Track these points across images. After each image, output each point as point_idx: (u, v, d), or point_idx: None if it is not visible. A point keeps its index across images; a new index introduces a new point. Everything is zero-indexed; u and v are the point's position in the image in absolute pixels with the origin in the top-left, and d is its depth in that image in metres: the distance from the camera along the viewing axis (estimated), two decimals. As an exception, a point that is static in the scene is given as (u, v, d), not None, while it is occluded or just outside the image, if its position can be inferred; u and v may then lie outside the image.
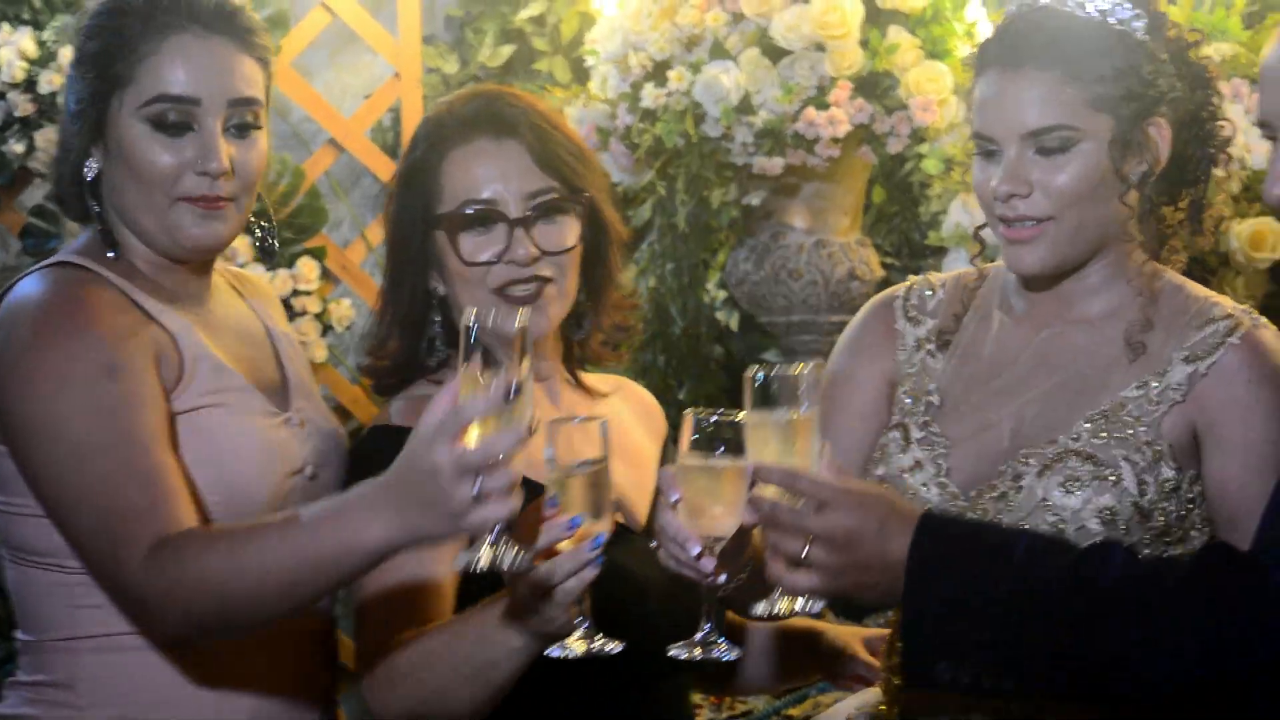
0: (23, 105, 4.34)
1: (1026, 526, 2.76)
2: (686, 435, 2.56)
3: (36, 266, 2.78)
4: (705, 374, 4.98)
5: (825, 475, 2.53)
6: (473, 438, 2.42)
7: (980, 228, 3.15)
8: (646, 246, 4.86)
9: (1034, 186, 2.77)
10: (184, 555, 2.57)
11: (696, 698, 3.47)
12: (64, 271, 2.75)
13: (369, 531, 2.48)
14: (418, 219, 2.93)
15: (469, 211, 2.92)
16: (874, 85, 4.21)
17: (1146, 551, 2.74)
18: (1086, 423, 2.81)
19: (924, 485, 2.85)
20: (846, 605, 3.92)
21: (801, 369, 2.55)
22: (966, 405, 2.91)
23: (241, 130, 2.79)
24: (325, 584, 2.57)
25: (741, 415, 2.54)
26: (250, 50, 2.82)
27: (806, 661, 3.13)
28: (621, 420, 3.10)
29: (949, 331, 2.97)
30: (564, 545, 2.52)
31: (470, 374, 2.46)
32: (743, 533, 2.58)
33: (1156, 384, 2.80)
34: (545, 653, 2.57)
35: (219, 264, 2.92)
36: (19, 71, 4.31)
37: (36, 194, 4.48)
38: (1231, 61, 4.06)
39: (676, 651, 2.56)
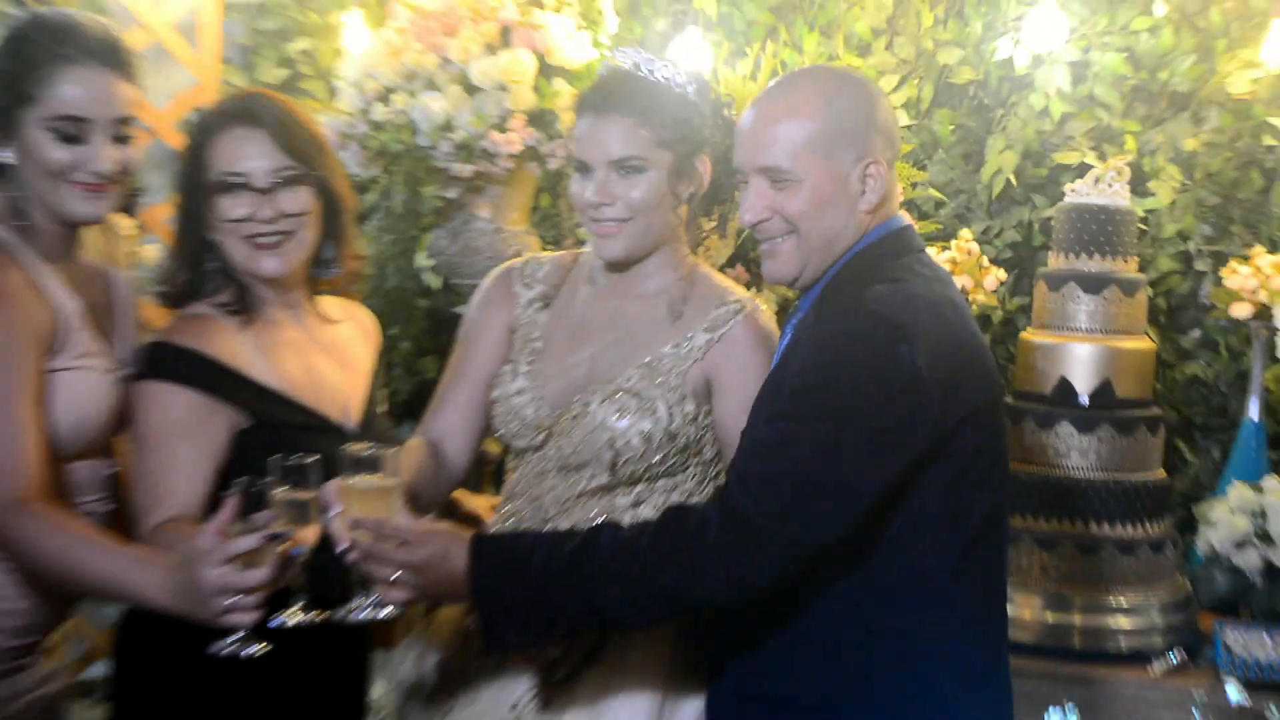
0: None
1: (588, 441, 3.02)
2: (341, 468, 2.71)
3: None
4: (412, 319, 5.21)
5: (404, 522, 2.68)
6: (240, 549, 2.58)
7: (577, 226, 3.52)
8: (372, 224, 5.11)
9: (616, 198, 2.99)
10: (35, 524, 2.73)
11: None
12: None
13: (152, 592, 2.68)
14: (193, 186, 3.07)
15: (227, 181, 3.03)
16: (541, 119, 4.44)
17: (674, 462, 3.02)
18: (636, 369, 3.01)
19: (525, 406, 3.08)
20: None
21: (390, 451, 2.70)
22: (558, 351, 3.10)
23: (122, 138, 2.98)
24: (110, 598, 2.80)
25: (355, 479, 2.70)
26: (129, 77, 2.96)
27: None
28: (350, 338, 3.25)
29: (550, 296, 3.16)
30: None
31: (279, 499, 2.62)
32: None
33: (685, 345, 3.03)
34: (269, 624, 2.68)
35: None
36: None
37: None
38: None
39: (356, 615, 2.72)
